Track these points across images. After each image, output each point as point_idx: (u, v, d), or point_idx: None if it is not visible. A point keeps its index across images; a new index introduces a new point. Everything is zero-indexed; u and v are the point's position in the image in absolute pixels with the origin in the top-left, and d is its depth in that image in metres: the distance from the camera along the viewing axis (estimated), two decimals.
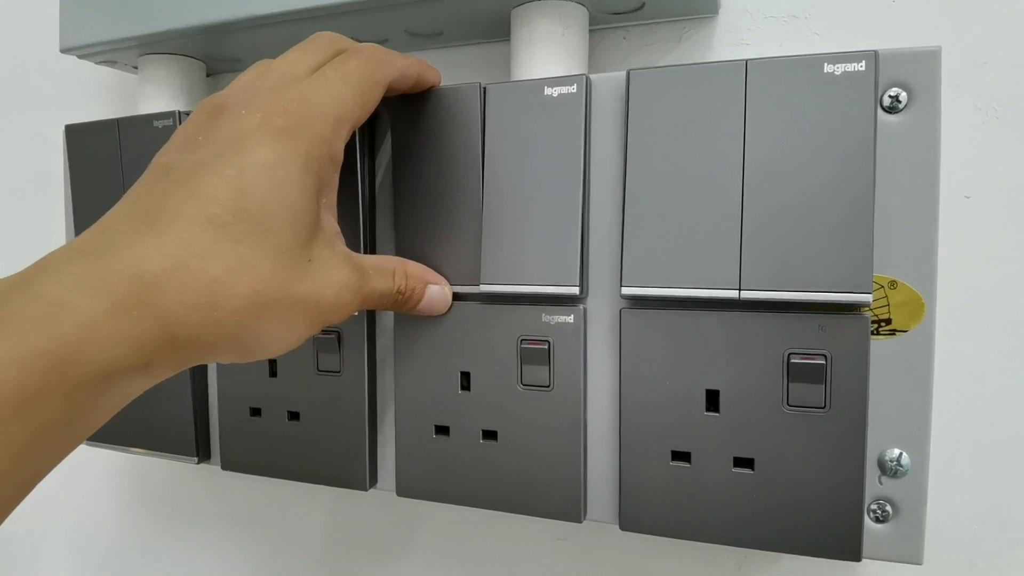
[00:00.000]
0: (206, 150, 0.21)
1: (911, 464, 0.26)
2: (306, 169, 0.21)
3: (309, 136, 0.22)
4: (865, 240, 0.24)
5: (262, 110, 0.21)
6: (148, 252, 0.18)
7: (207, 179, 0.20)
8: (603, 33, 0.35)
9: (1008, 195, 0.30)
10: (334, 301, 0.22)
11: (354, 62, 0.25)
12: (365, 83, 0.25)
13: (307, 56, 0.25)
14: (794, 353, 0.25)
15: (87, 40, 0.38)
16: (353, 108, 0.24)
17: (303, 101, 0.22)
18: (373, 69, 0.25)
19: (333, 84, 0.23)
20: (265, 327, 0.21)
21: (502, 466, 0.30)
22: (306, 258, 0.21)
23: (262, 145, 0.21)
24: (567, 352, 0.28)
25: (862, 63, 0.24)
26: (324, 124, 0.22)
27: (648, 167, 0.27)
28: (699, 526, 0.27)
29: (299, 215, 0.21)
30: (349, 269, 0.23)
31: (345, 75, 0.24)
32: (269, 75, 0.24)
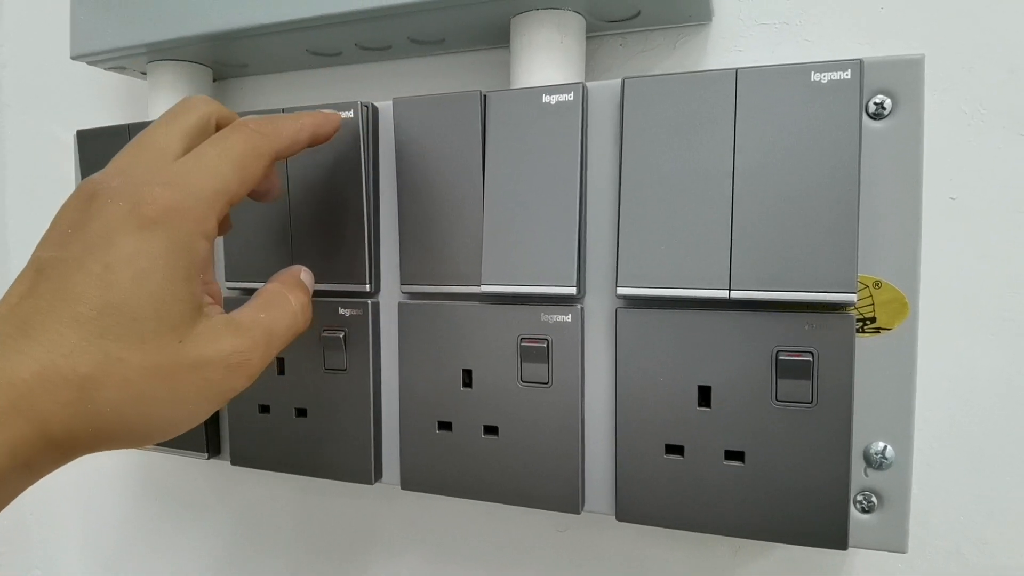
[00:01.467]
0: (76, 246, 0.21)
1: (895, 456, 0.27)
2: (173, 254, 0.21)
3: (178, 220, 0.22)
4: (850, 242, 0.25)
5: (131, 199, 0.21)
6: (19, 358, 0.19)
7: (74, 277, 0.20)
8: (601, 40, 0.36)
9: (993, 196, 0.31)
10: (223, 371, 0.22)
11: (237, 137, 0.24)
12: (248, 158, 0.24)
13: (178, 126, 0.24)
14: (782, 350, 0.26)
15: (97, 47, 0.39)
16: (231, 184, 0.24)
17: (174, 184, 0.22)
18: (257, 143, 0.25)
19: (210, 162, 0.23)
20: (150, 413, 0.21)
21: (503, 460, 0.31)
22: (176, 340, 0.21)
23: (127, 236, 0.21)
24: (565, 350, 0.30)
25: (847, 71, 0.25)
26: (197, 205, 0.22)
27: (642, 172, 0.28)
28: (692, 516, 0.28)
29: (165, 301, 0.21)
30: (230, 336, 0.23)
31: (225, 151, 0.24)
32: (143, 152, 0.23)
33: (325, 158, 0.33)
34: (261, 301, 0.26)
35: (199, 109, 0.25)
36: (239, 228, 0.35)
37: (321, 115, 0.28)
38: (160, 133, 0.24)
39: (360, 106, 0.32)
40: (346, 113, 0.32)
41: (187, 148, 0.24)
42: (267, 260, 0.34)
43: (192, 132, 0.25)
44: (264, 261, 0.34)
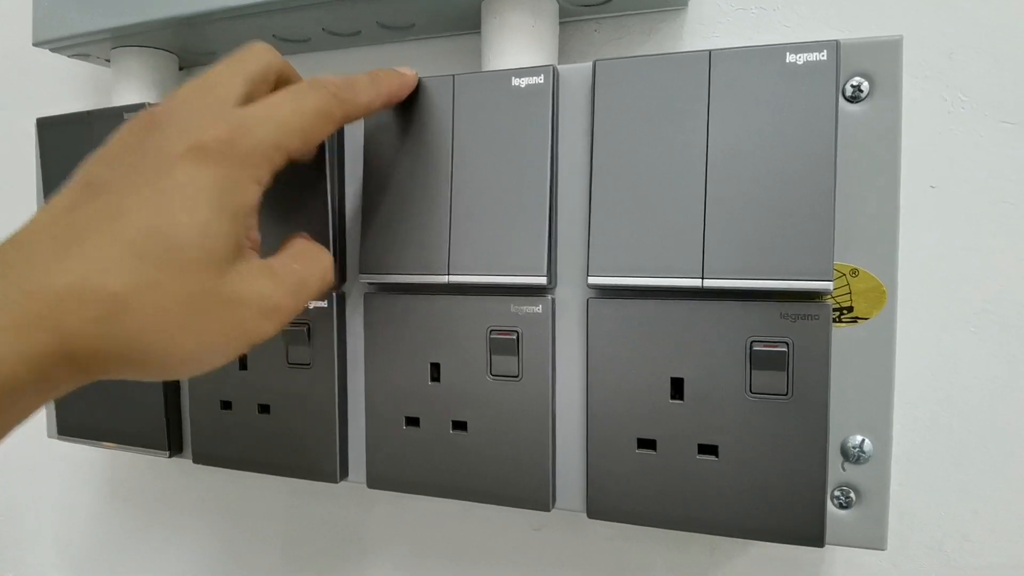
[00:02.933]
0: (130, 170, 0.21)
1: (873, 450, 0.26)
2: (225, 191, 0.21)
3: (235, 161, 0.22)
4: (826, 228, 0.24)
5: (193, 133, 0.21)
6: (52, 268, 0.19)
7: (124, 198, 0.20)
8: (576, 25, 0.35)
9: (974, 186, 0.30)
10: (255, 313, 0.22)
11: (314, 96, 0.24)
12: (319, 119, 0.24)
13: (242, 70, 0.24)
14: (757, 341, 0.25)
15: (60, 33, 0.38)
16: (295, 140, 0.23)
17: (239, 127, 0.22)
18: (332, 107, 0.25)
19: (281, 113, 0.23)
20: (176, 344, 0.21)
21: (472, 456, 0.30)
22: (215, 275, 0.21)
23: (183, 166, 0.21)
24: (536, 342, 0.29)
25: (824, 53, 0.24)
26: (256, 151, 0.22)
27: (614, 157, 0.27)
28: (665, 513, 0.27)
29: (210, 235, 0.21)
30: (266, 280, 0.23)
31: (299, 107, 0.24)
32: (206, 93, 0.23)
33: None
34: (294, 251, 0.26)
35: (263, 57, 0.25)
36: None
37: (398, 79, 0.28)
38: (224, 76, 0.24)
39: None
40: None
41: (248, 94, 0.24)
42: None
43: (255, 79, 0.24)
44: None
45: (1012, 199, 0.29)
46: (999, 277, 0.30)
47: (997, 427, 0.30)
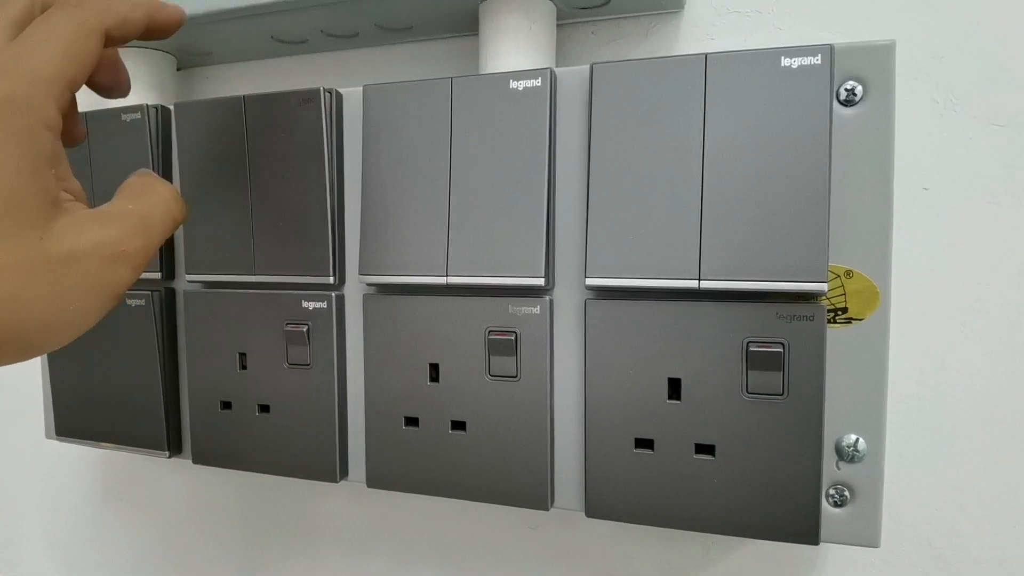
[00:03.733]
0: None
1: (867, 449, 0.26)
2: (15, 146, 0.20)
3: (14, 110, 0.20)
4: (821, 230, 0.25)
5: None
6: None
7: None
8: (572, 28, 0.35)
9: (965, 186, 0.30)
10: (99, 263, 0.21)
11: (60, 14, 0.22)
12: (77, 35, 0.22)
13: (1, 14, 0.22)
14: (753, 341, 0.26)
15: None
16: (65, 68, 0.22)
17: (4, 72, 0.20)
18: (83, 17, 0.23)
19: (37, 46, 0.21)
20: (29, 314, 0.20)
21: (471, 456, 0.30)
22: (36, 237, 0.20)
23: None
24: (534, 343, 0.29)
25: (818, 56, 0.25)
26: (31, 92, 0.21)
27: (611, 160, 0.27)
28: (662, 512, 0.27)
29: (15, 196, 0.20)
30: (99, 226, 0.22)
31: (50, 32, 0.22)
32: None
33: (288, 145, 0.32)
34: (127, 193, 0.24)
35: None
36: (197, 217, 0.34)
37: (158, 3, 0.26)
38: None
39: (323, 92, 0.31)
40: (308, 100, 0.31)
41: (14, 38, 0.22)
42: (228, 250, 0.33)
43: (18, 20, 0.23)
44: (224, 251, 0.33)
45: (1002, 200, 0.30)
46: (989, 277, 0.30)
47: (985, 425, 0.31)
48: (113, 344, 0.37)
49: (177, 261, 0.36)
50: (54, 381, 0.39)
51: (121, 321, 0.36)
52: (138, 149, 0.35)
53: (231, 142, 0.33)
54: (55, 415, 0.39)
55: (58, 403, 0.39)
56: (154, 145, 0.35)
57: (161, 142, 0.36)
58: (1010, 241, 0.30)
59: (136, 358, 0.36)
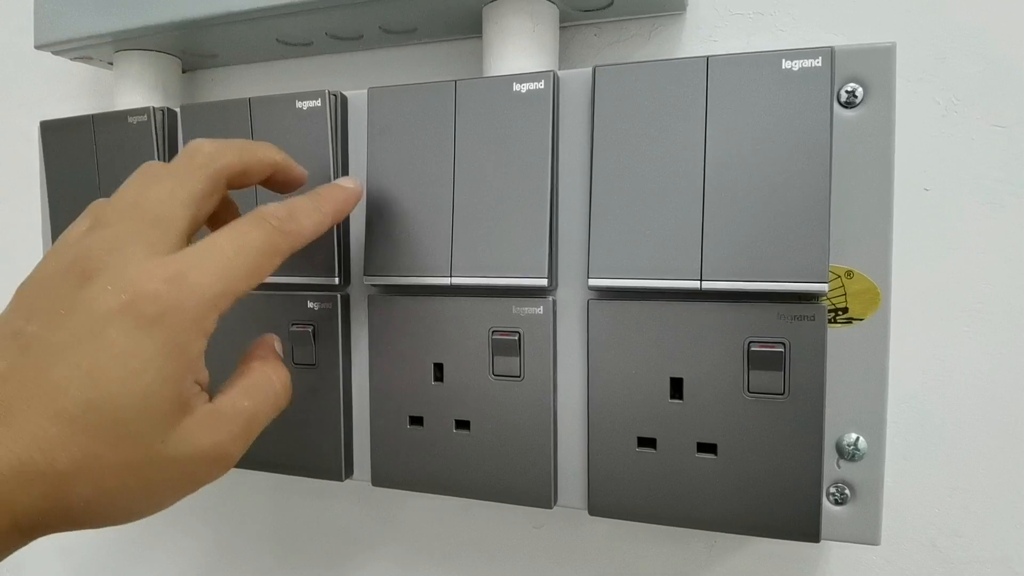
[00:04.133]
0: (65, 331, 0.20)
1: (868, 448, 0.26)
2: (166, 355, 0.20)
3: (177, 321, 0.20)
4: (821, 231, 0.25)
5: (129, 291, 0.20)
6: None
7: (60, 370, 0.20)
8: (575, 30, 0.36)
9: (967, 187, 0.30)
10: (200, 465, 0.22)
11: (257, 234, 0.23)
12: (264, 257, 0.23)
13: (185, 191, 0.23)
14: (754, 341, 0.26)
15: (61, 36, 0.38)
16: (241, 283, 0.22)
17: (177, 281, 0.21)
18: (278, 241, 0.23)
19: (222, 258, 0.22)
20: (120, 503, 0.21)
21: (475, 455, 0.30)
22: (158, 439, 0.21)
23: (120, 332, 0.20)
24: (537, 343, 0.29)
25: (819, 59, 0.25)
26: (199, 306, 0.21)
27: (614, 161, 0.27)
28: (665, 510, 0.28)
29: (151, 402, 0.20)
30: (213, 430, 0.22)
31: (241, 249, 0.22)
32: (144, 221, 0.22)
33: (292, 149, 0.32)
34: (245, 384, 0.24)
35: (208, 168, 0.24)
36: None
37: (342, 194, 0.27)
38: (164, 198, 0.22)
39: (328, 95, 0.31)
40: (313, 102, 0.31)
41: (194, 217, 0.23)
42: None
43: (200, 197, 0.23)
44: None
45: (1003, 201, 0.30)
46: (990, 277, 0.30)
47: (987, 424, 0.31)
48: None
49: None
50: None
51: None
52: (144, 151, 0.36)
53: None
54: None
55: None
56: (160, 147, 0.36)
57: (167, 145, 0.36)
58: (1011, 242, 0.30)
59: None
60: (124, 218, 0.22)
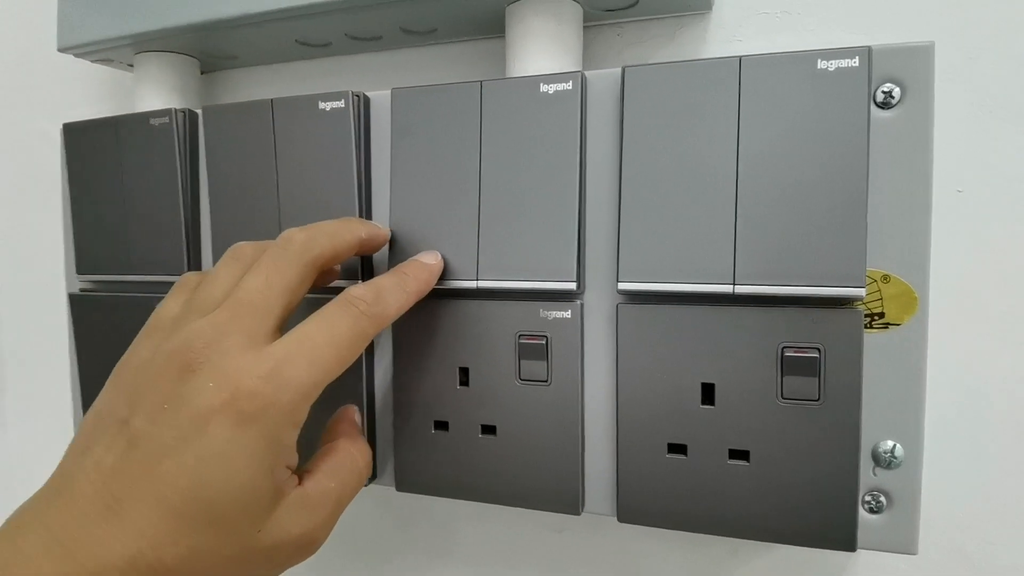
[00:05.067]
0: (171, 429, 0.21)
1: (904, 455, 0.26)
2: (264, 449, 0.22)
3: (274, 416, 0.22)
4: (858, 234, 0.24)
5: (229, 388, 0.21)
6: (109, 543, 0.20)
7: (167, 466, 0.21)
8: (597, 30, 0.35)
9: (1000, 188, 0.30)
10: (291, 551, 0.23)
11: (345, 321, 0.24)
12: (354, 341, 0.24)
13: (280, 282, 0.24)
14: (788, 346, 0.25)
15: (84, 39, 0.38)
16: (333, 370, 0.23)
17: (274, 376, 0.22)
18: (366, 327, 0.24)
19: (314, 349, 0.23)
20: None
21: (501, 460, 0.30)
22: (255, 530, 0.22)
23: (222, 428, 0.21)
24: (565, 347, 0.29)
25: (855, 59, 0.25)
26: (294, 399, 0.22)
27: (644, 163, 0.27)
28: (695, 517, 0.27)
29: (250, 495, 0.21)
30: (303, 517, 0.23)
31: (331, 338, 0.23)
32: (241, 314, 0.23)
33: (315, 150, 0.32)
34: (331, 464, 0.25)
35: (303, 258, 0.25)
36: (225, 222, 0.34)
37: (426, 273, 0.28)
38: (261, 287, 0.24)
39: (351, 96, 0.31)
40: (336, 103, 0.31)
41: (288, 305, 0.24)
42: None
43: (295, 287, 0.24)
44: None
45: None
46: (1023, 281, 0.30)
47: (1019, 430, 0.30)
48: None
49: (204, 263, 0.36)
50: (83, 383, 0.39)
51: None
52: (166, 153, 0.36)
53: (259, 145, 0.33)
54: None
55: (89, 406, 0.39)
56: (181, 149, 0.35)
57: (189, 146, 0.36)
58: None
59: None
60: (222, 307, 0.23)
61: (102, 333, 0.38)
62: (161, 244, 0.36)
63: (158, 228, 0.36)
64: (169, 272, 0.36)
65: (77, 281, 0.40)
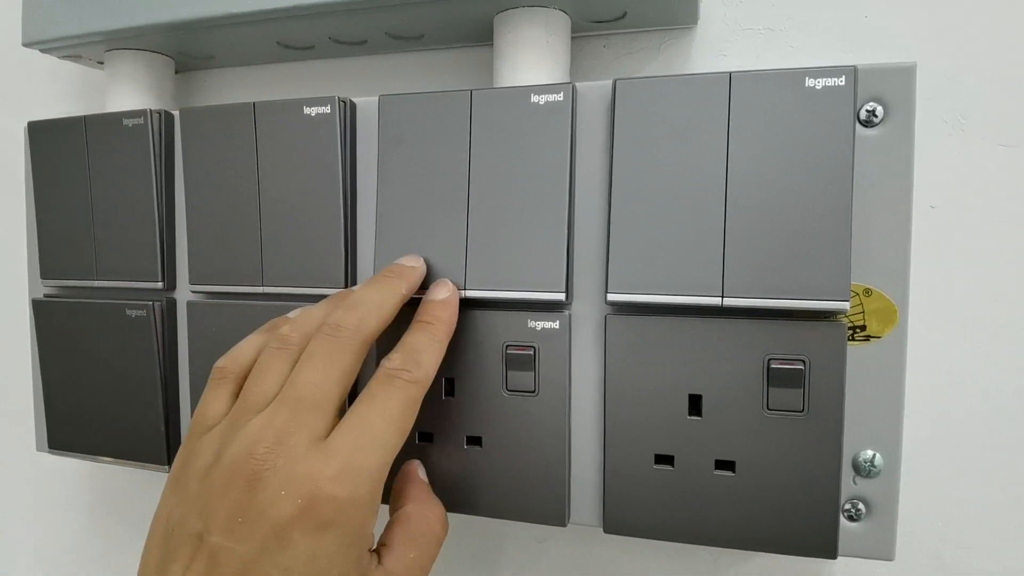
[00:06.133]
0: (250, 542, 0.21)
1: (884, 464, 0.26)
2: (348, 546, 0.22)
3: (353, 512, 0.22)
4: (843, 249, 0.25)
5: (304, 495, 0.21)
6: None
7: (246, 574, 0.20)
8: (584, 41, 0.35)
9: (973, 205, 0.31)
10: None
11: (396, 395, 0.24)
12: (408, 411, 0.24)
13: (336, 370, 0.24)
14: (774, 358, 0.26)
15: (51, 34, 0.37)
16: (396, 446, 0.23)
17: (345, 476, 0.22)
18: (414, 393, 0.25)
19: (374, 431, 0.23)
20: None
21: (487, 472, 0.30)
22: None
23: (303, 536, 0.21)
24: (552, 358, 0.29)
25: (842, 78, 0.25)
26: (368, 489, 0.22)
27: (633, 175, 0.27)
28: (682, 527, 0.27)
29: None
30: None
31: (387, 416, 0.23)
32: (301, 411, 0.23)
33: (300, 156, 0.31)
34: (407, 534, 0.25)
35: (355, 342, 0.25)
36: (203, 228, 0.33)
37: (447, 313, 0.28)
38: (319, 380, 0.23)
39: (338, 101, 0.30)
40: (322, 108, 0.31)
41: (343, 394, 0.24)
42: (234, 261, 0.33)
43: (351, 372, 0.24)
44: (231, 262, 0.33)
45: (1009, 218, 0.31)
46: (996, 293, 0.31)
47: (994, 438, 0.31)
48: (110, 355, 0.36)
49: (179, 271, 0.35)
50: (47, 392, 0.38)
51: (119, 331, 0.35)
52: (139, 155, 0.34)
53: (240, 150, 0.32)
54: (48, 427, 0.38)
55: (51, 415, 0.38)
56: (156, 151, 0.34)
57: (164, 149, 0.35)
58: (1016, 257, 0.31)
59: (134, 369, 0.35)
60: (281, 405, 0.23)
61: (67, 340, 0.37)
62: (132, 250, 0.35)
63: (129, 233, 0.35)
64: (140, 279, 0.35)
65: (41, 286, 0.38)
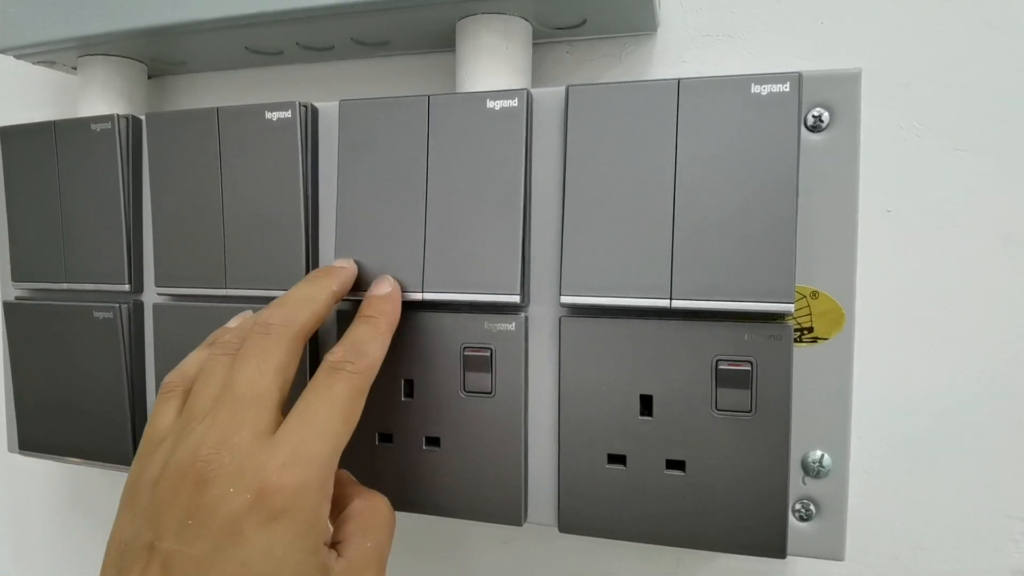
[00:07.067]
0: (203, 541, 0.21)
1: (832, 465, 0.27)
2: (305, 534, 0.21)
3: (304, 499, 0.21)
4: (788, 252, 0.25)
5: (253, 488, 0.21)
6: None
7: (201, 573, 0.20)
8: (547, 48, 0.36)
9: (928, 209, 0.31)
10: None
11: (340, 386, 0.24)
12: (354, 401, 0.24)
13: (269, 366, 0.24)
14: (722, 360, 0.26)
15: (24, 40, 0.37)
16: (343, 435, 0.23)
17: (294, 463, 0.22)
18: (359, 383, 0.25)
19: (321, 420, 0.23)
20: None
21: (445, 472, 0.30)
22: None
23: (257, 529, 0.21)
24: (509, 359, 0.29)
25: (787, 84, 0.26)
26: (319, 475, 0.22)
27: (586, 180, 0.27)
28: (634, 527, 0.28)
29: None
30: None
31: (333, 405, 0.23)
32: (240, 408, 0.23)
33: (261, 161, 0.32)
34: (359, 526, 0.25)
35: (285, 337, 0.25)
36: (168, 231, 0.34)
37: (390, 306, 0.28)
38: (252, 379, 0.23)
39: (298, 106, 0.31)
40: (283, 113, 0.31)
41: (282, 388, 0.24)
42: (199, 264, 0.33)
43: (285, 367, 0.24)
44: (196, 265, 0.33)
45: (963, 223, 0.31)
46: (950, 295, 0.31)
47: (948, 438, 0.32)
48: (79, 356, 0.36)
49: (146, 273, 0.36)
50: (18, 394, 0.38)
51: (87, 333, 0.36)
52: (107, 160, 0.35)
53: (204, 154, 0.33)
54: (18, 428, 0.38)
55: (21, 416, 0.38)
56: (123, 156, 0.35)
57: (132, 153, 0.35)
58: (971, 263, 0.31)
59: (102, 371, 0.36)
60: (220, 406, 0.23)
61: (37, 342, 0.37)
62: (100, 253, 0.35)
63: (98, 236, 0.35)
64: (108, 281, 0.35)
65: (12, 289, 0.39)
